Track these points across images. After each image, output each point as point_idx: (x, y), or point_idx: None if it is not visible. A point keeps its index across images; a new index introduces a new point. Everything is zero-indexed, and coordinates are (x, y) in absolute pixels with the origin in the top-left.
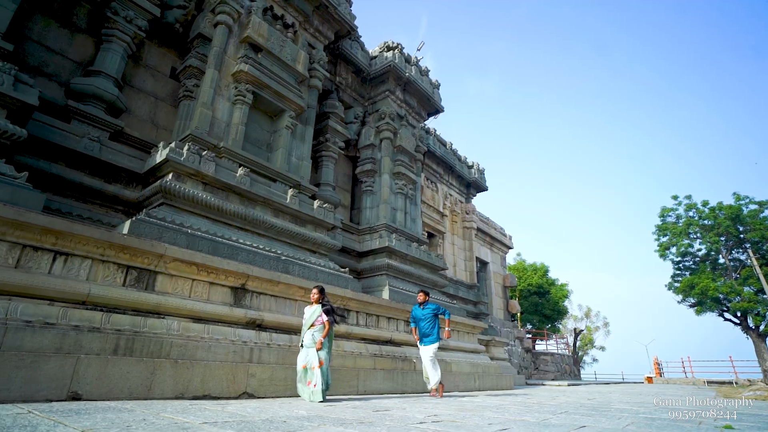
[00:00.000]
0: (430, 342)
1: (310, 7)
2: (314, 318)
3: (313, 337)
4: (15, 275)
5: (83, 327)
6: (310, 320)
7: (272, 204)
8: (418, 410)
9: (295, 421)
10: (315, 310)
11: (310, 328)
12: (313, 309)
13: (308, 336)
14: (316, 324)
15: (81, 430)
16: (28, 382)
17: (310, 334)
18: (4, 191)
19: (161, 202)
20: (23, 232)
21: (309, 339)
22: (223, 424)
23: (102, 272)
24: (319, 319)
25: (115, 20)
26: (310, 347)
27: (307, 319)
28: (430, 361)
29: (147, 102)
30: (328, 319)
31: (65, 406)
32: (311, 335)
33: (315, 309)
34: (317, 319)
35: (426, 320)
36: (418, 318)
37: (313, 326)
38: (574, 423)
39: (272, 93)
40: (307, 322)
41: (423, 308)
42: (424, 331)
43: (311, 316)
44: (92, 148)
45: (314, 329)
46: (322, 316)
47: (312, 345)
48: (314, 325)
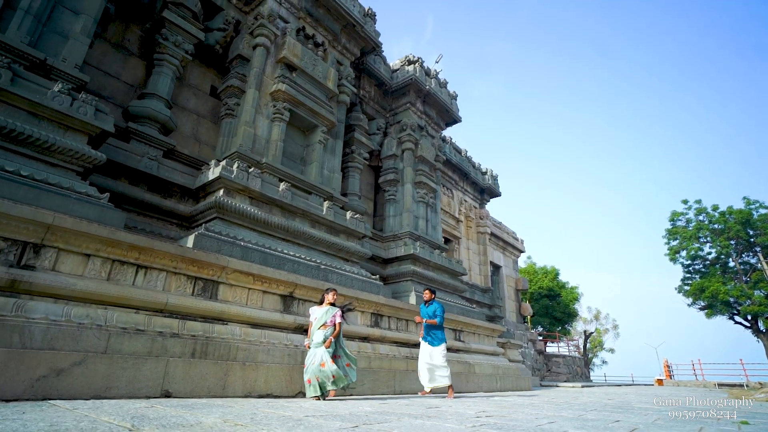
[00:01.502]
0: (435, 344)
1: (338, 26)
2: (327, 318)
3: (325, 336)
4: (109, 287)
5: (166, 333)
6: (321, 320)
7: (310, 216)
8: (464, 408)
9: (374, 415)
10: (327, 311)
11: (321, 328)
12: (324, 309)
13: (319, 335)
14: (328, 324)
15: (223, 419)
16: (131, 381)
17: (322, 334)
18: (93, 211)
19: (214, 216)
20: (114, 249)
21: (320, 338)
22: (324, 417)
23: (175, 283)
24: (332, 319)
25: (165, 45)
26: (318, 347)
27: (318, 318)
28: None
29: (190, 119)
30: (340, 322)
31: (169, 402)
32: (323, 335)
33: (327, 310)
34: (330, 319)
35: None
36: (424, 316)
37: (325, 326)
38: (607, 418)
39: (306, 110)
40: (319, 322)
41: (428, 307)
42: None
43: (323, 316)
44: (151, 166)
45: (327, 330)
46: (336, 317)
47: (321, 345)
48: (326, 325)
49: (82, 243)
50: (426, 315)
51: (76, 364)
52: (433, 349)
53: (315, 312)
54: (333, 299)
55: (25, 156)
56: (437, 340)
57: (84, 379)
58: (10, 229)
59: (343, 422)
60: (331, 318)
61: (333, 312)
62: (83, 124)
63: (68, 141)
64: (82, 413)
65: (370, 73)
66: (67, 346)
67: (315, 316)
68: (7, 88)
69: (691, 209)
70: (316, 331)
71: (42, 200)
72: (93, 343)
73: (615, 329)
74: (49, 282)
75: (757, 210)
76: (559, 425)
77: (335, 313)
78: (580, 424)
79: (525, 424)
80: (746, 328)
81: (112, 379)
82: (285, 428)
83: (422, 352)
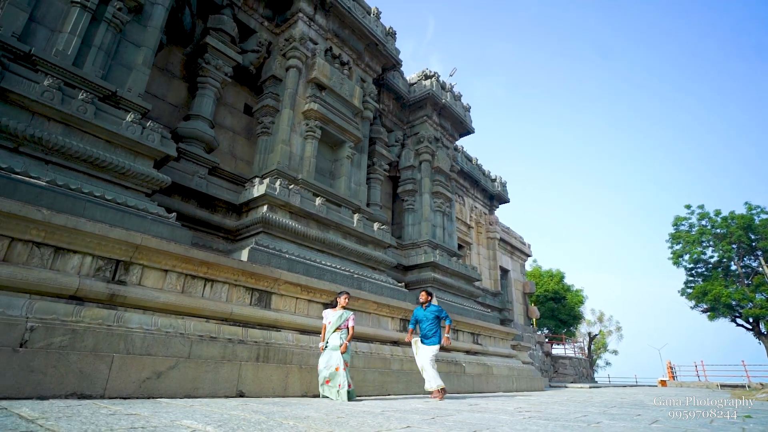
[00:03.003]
0: (430, 343)
1: (362, 45)
2: (341, 322)
3: (341, 340)
4: (184, 299)
5: (234, 339)
6: (336, 323)
7: (342, 228)
8: (499, 405)
9: (433, 410)
10: (341, 315)
11: (336, 331)
12: (338, 313)
13: (335, 338)
14: (342, 328)
15: (326, 413)
16: (213, 383)
17: (337, 337)
18: (166, 230)
19: (260, 230)
20: (187, 265)
21: (336, 341)
22: (398, 411)
23: (235, 294)
24: (346, 323)
25: (207, 69)
26: (335, 350)
27: (333, 322)
28: (430, 362)
29: (227, 136)
30: (353, 326)
31: (250, 401)
32: (339, 338)
33: (341, 313)
34: (344, 323)
35: (428, 321)
36: (419, 318)
37: (339, 329)
38: (628, 413)
39: (335, 127)
40: (333, 326)
41: (425, 309)
42: (425, 332)
43: (337, 319)
44: (201, 184)
45: (341, 332)
46: (350, 320)
47: (337, 348)
48: (340, 328)
49: (162, 260)
50: (425, 317)
51: (171, 367)
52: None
53: (329, 315)
54: (345, 303)
55: (104, 180)
56: (436, 339)
57: (177, 380)
58: (107, 250)
59: (419, 415)
60: (345, 322)
61: (347, 316)
62: (151, 150)
63: (139, 166)
64: (214, 409)
65: (389, 87)
66: (161, 352)
67: (329, 320)
68: (91, 121)
69: (694, 214)
70: (332, 335)
71: (126, 222)
72: (179, 350)
73: (618, 331)
74: (139, 295)
75: (758, 215)
76: (592, 417)
77: (349, 317)
78: (609, 416)
79: (564, 416)
80: (748, 331)
81: (198, 381)
82: (380, 419)
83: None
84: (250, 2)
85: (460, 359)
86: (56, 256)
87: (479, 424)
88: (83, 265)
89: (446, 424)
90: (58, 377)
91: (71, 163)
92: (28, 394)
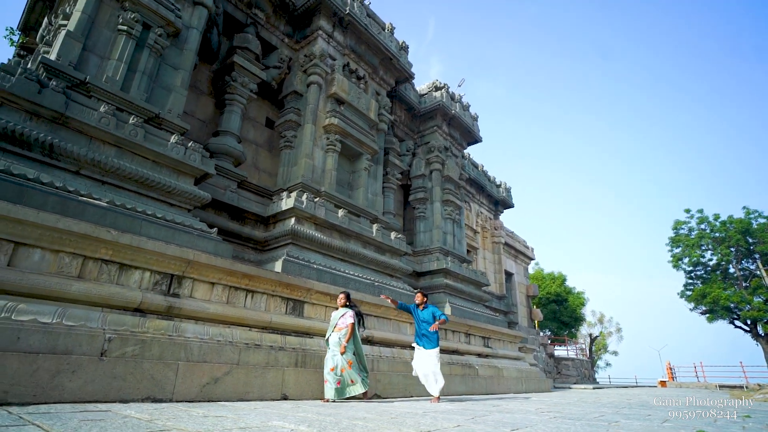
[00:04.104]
0: (432, 346)
1: (377, 59)
2: (338, 320)
3: (339, 341)
4: (230, 309)
5: (275, 347)
6: (334, 322)
7: (362, 237)
8: (519, 406)
9: (466, 410)
10: (342, 314)
11: (335, 330)
12: (339, 313)
13: (334, 337)
14: (341, 327)
15: (377, 413)
16: (261, 387)
17: (336, 337)
18: (210, 245)
19: (289, 242)
20: (231, 277)
21: (335, 341)
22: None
23: (273, 304)
24: (343, 321)
25: (234, 86)
26: (335, 349)
27: (332, 320)
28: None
29: (250, 149)
30: (351, 323)
31: (299, 403)
32: (337, 337)
33: (342, 312)
34: (341, 321)
35: (426, 323)
36: (416, 320)
37: (338, 328)
38: (639, 412)
39: (354, 140)
40: (332, 325)
41: (423, 310)
42: (424, 333)
43: (335, 318)
44: (232, 198)
45: (340, 332)
46: (345, 318)
47: (337, 347)
48: (339, 327)
49: (209, 273)
50: (422, 319)
51: (226, 373)
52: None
53: (333, 315)
54: (342, 302)
55: (151, 198)
56: (434, 342)
57: (232, 385)
58: (163, 265)
59: (457, 415)
60: (343, 320)
61: (343, 312)
62: (192, 168)
63: (182, 184)
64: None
65: (401, 98)
66: (215, 359)
67: (332, 320)
68: (142, 144)
69: (693, 218)
70: (332, 334)
71: (176, 238)
72: (231, 357)
73: (618, 332)
74: (192, 307)
75: (756, 219)
76: (609, 417)
77: (346, 313)
78: (623, 416)
79: (583, 416)
80: (746, 332)
81: (249, 385)
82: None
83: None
84: (272, 20)
85: (473, 362)
86: (120, 271)
87: (517, 423)
88: (143, 280)
89: (488, 423)
90: (135, 383)
91: (124, 183)
92: (112, 398)
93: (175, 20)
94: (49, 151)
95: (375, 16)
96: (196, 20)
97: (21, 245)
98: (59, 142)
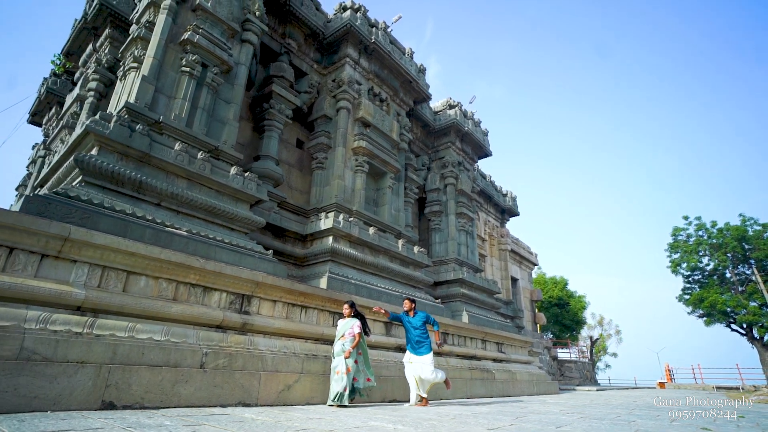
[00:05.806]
0: (424, 352)
1: (398, 82)
2: (345, 330)
3: (343, 347)
4: (290, 324)
5: (328, 356)
6: (341, 332)
7: (390, 252)
8: (541, 408)
9: (497, 413)
10: (347, 323)
11: (341, 338)
12: (344, 322)
13: (338, 345)
14: (346, 336)
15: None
16: (322, 393)
17: (340, 344)
18: (269, 266)
19: (328, 258)
20: (290, 295)
21: (339, 348)
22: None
23: (322, 317)
24: (350, 330)
25: (272, 112)
26: (339, 356)
27: (339, 330)
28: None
29: (283, 169)
30: (358, 332)
31: (357, 406)
32: (341, 345)
33: (347, 322)
34: (348, 330)
35: (419, 329)
36: (407, 327)
37: (343, 337)
38: (648, 413)
39: (379, 161)
40: (339, 334)
41: (413, 316)
42: (417, 340)
43: (342, 327)
44: (276, 219)
45: (345, 340)
46: (353, 328)
47: (341, 354)
48: (345, 336)
49: (273, 293)
50: (414, 325)
51: (296, 381)
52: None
53: (339, 324)
54: (348, 312)
55: (215, 224)
56: (427, 348)
57: (300, 392)
58: (237, 286)
59: (500, 416)
60: (350, 329)
61: (351, 323)
62: (249, 196)
63: (241, 210)
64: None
65: (418, 116)
66: (285, 369)
67: (338, 328)
68: (209, 176)
69: (691, 225)
70: (337, 342)
71: (242, 261)
72: (296, 366)
73: (618, 334)
74: (261, 323)
75: (751, 226)
76: (625, 417)
77: (353, 324)
78: (637, 416)
79: (603, 416)
80: (742, 336)
81: (314, 391)
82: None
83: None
84: (303, 48)
85: (490, 367)
86: (204, 293)
87: (556, 422)
88: (221, 300)
89: (532, 422)
90: (229, 390)
91: (194, 212)
92: (213, 403)
93: (228, 59)
94: (138, 187)
95: (396, 42)
96: (243, 56)
97: (132, 273)
98: (145, 178)
